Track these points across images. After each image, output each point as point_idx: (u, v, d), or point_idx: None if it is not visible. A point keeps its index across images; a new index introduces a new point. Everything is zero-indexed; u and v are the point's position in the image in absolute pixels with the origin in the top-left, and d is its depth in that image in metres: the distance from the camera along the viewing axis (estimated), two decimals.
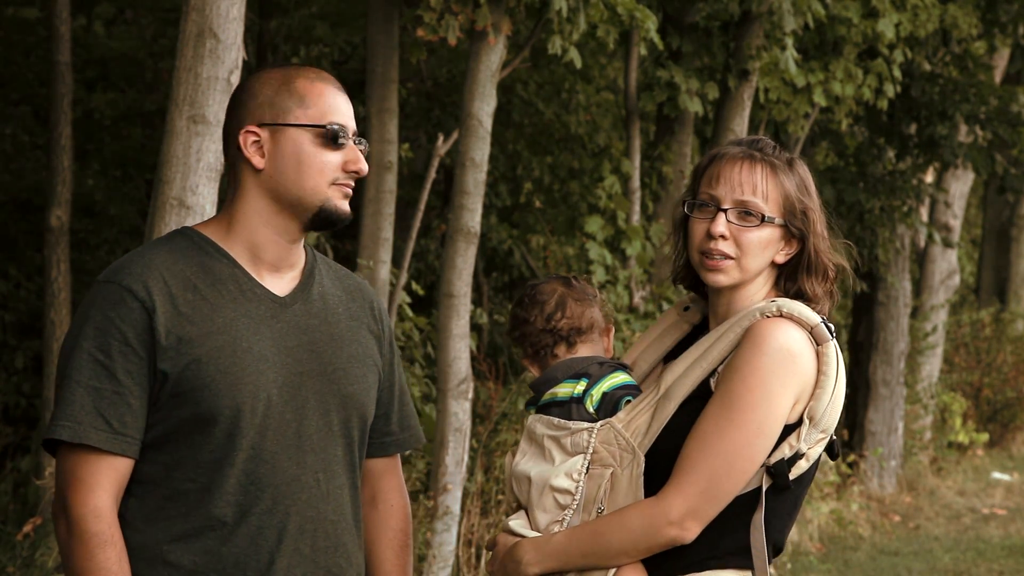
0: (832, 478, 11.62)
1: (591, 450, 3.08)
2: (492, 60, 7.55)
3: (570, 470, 3.10)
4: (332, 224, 2.98)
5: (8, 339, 10.54)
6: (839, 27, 9.84)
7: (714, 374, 3.04)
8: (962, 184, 14.58)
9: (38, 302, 10.21)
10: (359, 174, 2.98)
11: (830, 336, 3.02)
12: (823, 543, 10.88)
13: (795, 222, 3.10)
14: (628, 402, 3.12)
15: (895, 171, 12.16)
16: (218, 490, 2.87)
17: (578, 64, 7.88)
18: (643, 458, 3.03)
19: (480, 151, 7.60)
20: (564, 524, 3.09)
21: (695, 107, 9.55)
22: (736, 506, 3.01)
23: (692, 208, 3.13)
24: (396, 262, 8.52)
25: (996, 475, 14.37)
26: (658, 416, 3.04)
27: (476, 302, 11.19)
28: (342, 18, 11.82)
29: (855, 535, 11.27)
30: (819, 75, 9.81)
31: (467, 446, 7.78)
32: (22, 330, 10.68)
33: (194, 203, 5.49)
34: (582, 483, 3.08)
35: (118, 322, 2.84)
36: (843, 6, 9.75)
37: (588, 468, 3.08)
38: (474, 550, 8.13)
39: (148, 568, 2.87)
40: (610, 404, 3.14)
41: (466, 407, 7.72)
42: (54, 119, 8.44)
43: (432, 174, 8.36)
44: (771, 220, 3.09)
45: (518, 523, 3.17)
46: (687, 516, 2.97)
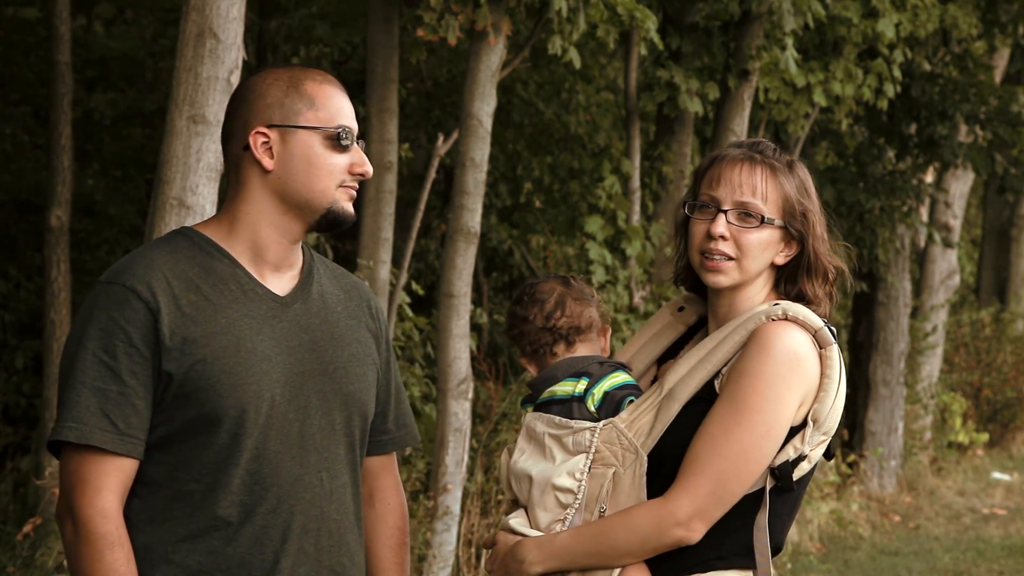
0: (832, 478, 11.62)
1: (594, 449, 3.09)
2: (492, 60, 7.55)
3: (572, 469, 3.10)
4: (338, 226, 2.99)
5: (8, 339, 10.54)
6: (839, 27, 9.84)
7: (718, 376, 3.05)
8: (962, 184, 14.57)
9: (38, 302, 10.20)
10: (364, 176, 2.99)
11: (833, 340, 3.04)
12: (823, 543, 10.88)
13: (795, 224, 3.12)
14: (631, 402, 3.12)
15: (895, 171, 12.15)
16: (222, 490, 2.88)
17: (577, 64, 7.88)
18: (646, 458, 3.04)
19: (480, 151, 7.60)
20: (566, 523, 3.09)
21: (695, 107, 9.55)
22: (739, 507, 3.03)
23: (692, 209, 3.15)
24: (396, 262, 8.51)
25: (996, 475, 14.36)
26: (661, 417, 3.05)
27: (476, 302, 11.19)
28: (342, 18, 11.82)
29: (855, 535, 11.27)
30: (819, 75, 9.81)
31: (467, 446, 7.79)
32: (22, 330, 10.68)
33: (194, 203, 5.50)
34: (584, 482, 3.08)
35: (122, 323, 2.84)
36: (843, 6, 9.74)
37: (590, 467, 3.09)
38: (474, 550, 8.13)
39: (152, 569, 2.87)
40: (612, 404, 3.14)
41: (466, 407, 7.72)
42: (54, 119, 8.44)
43: (432, 174, 8.36)
44: (771, 221, 3.10)
45: (518, 522, 3.17)
46: (694, 517, 2.98)
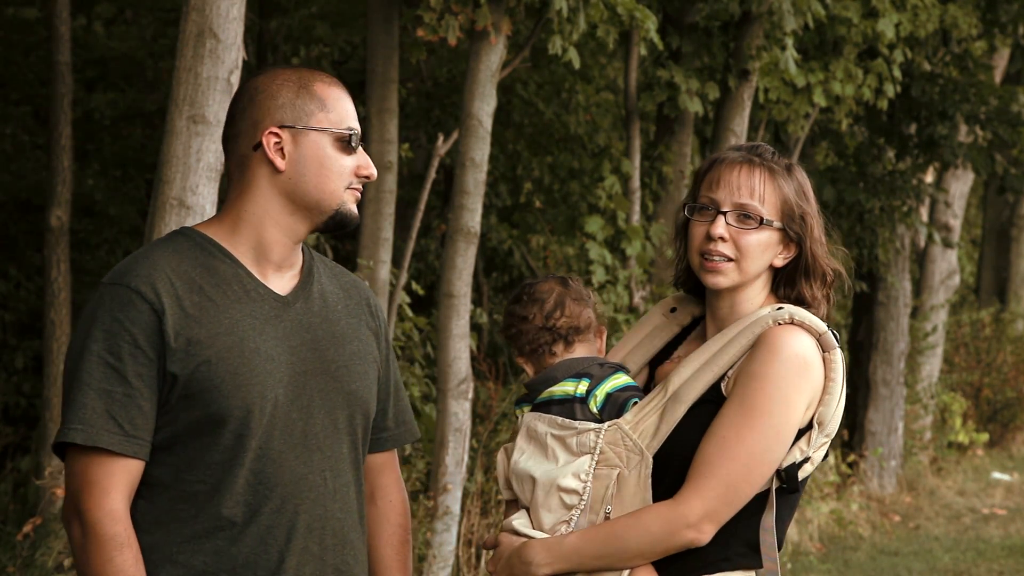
0: (832, 478, 11.62)
1: (598, 451, 3.09)
2: (492, 60, 7.55)
3: (578, 470, 3.10)
4: (344, 227, 3.01)
5: (8, 339, 10.55)
6: (839, 27, 9.83)
7: (724, 378, 3.07)
8: (962, 184, 14.56)
9: (38, 302, 10.20)
10: (370, 179, 3.01)
11: (836, 344, 3.07)
12: (823, 543, 10.88)
13: (793, 226, 3.14)
14: (635, 403, 3.13)
15: (895, 171, 12.14)
16: (227, 491, 2.88)
17: (577, 64, 7.88)
18: (651, 460, 3.05)
19: (480, 151, 7.60)
20: (571, 524, 3.10)
21: (695, 107, 9.55)
22: (745, 508, 3.05)
23: (692, 212, 3.17)
24: (396, 262, 8.51)
25: (996, 475, 14.36)
26: (667, 418, 3.06)
27: (476, 302, 11.19)
28: (342, 18, 11.82)
29: (855, 535, 11.27)
30: (819, 75, 9.80)
31: (467, 446, 7.79)
32: (22, 330, 10.68)
33: (194, 203, 5.50)
34: (589, 484, 3.09)
35: (127, 324, 2.84)
36: (843, 6, 9.74)
37: (594, 469, 3.10)
38: (474, 550, 8.13)
39: (158, 569, 2.87)
40: (615, 405, 3.15)
41: (466, 407, 7.72)
42: (54, 119, 8.43)
43: (432, 174, 8.36)
44: (769, 223, 3.12)
45: (522, 523, 3.17)
46: (704, 519, 3.00)
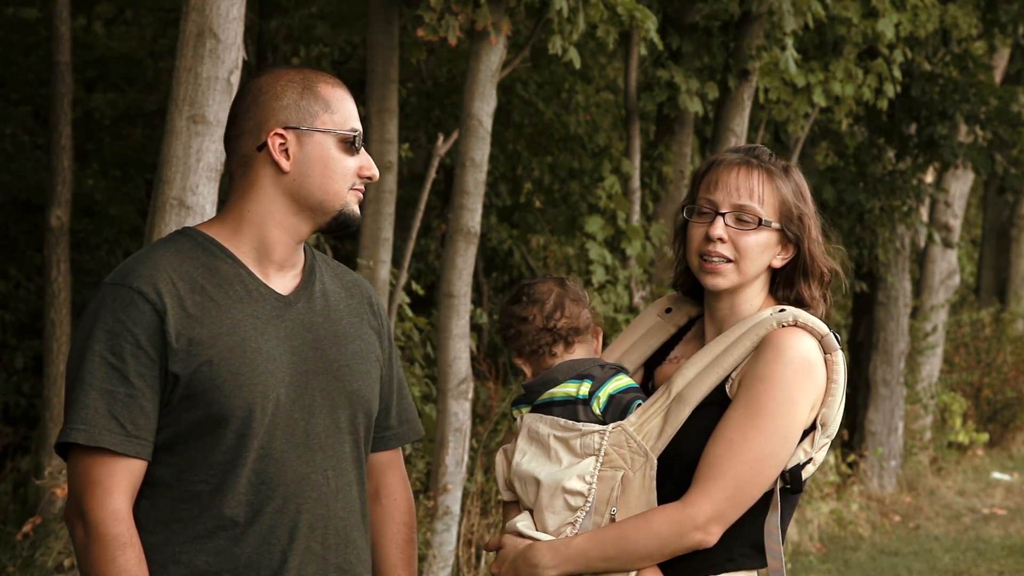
0: (832, 478, 11.62)
1: (603, 452, 3.09)
2: (492, 60, 7.55)
3: (582, 472, 3.10)
4: (347, 228, 3.02)
5: (8, 339, 10.55)
6: (839, 27, 9.83)
7: (728, 380, 3.08)
8: (962, 184, 14.56)
9: (38, 302, 10.20)
10: (372, 180, 3.02)
11: (837, 345, 3.08)
12: (823, 543, 10.88)
13: (791, 227, 3.16)
14: (639, 405, 3.13)
15: (895, 171, 12.14)
16: (229, 490, 2.88)
17: (577, 64, 7.87)
18: (656, 461, 3.05)
19: (480, 151, 7.60)
20: (576, 526, 3.10)
21: (695, 107, 9.54)
22: (749, 509, 3.06)
23: (691, 213, 3.18)
24: (396, 262, 8.51)
25: (996, 475, 14.36)
26: (671, 420, 3.06)
27: (476, 302, 11.18)
28: (342, 18, 11.81)
29: (855, 535, 11.27)
30: (819, 75, 9.80)
31: (467, 446, 7.79)
32: (22, 330, 10.68)
33: (194, 203, 5.50)
34: (594, 485, 3.09)
35: (129, 324, 2.85)
36: (843, 6, 9.74)
37: (599, 471, 3.10)
38: (474, 550, 8.13)
39: (161, 570, 2.87)
40: (618, 407, 3.14)
41: (466, 407, 7.72)
42: (54, 119, 8.43)
43: (432, 174, 8.36)
44: (768, 224, 3.13)
45: (526, 524, 3.17)
46: (712, 520, 3.01)
